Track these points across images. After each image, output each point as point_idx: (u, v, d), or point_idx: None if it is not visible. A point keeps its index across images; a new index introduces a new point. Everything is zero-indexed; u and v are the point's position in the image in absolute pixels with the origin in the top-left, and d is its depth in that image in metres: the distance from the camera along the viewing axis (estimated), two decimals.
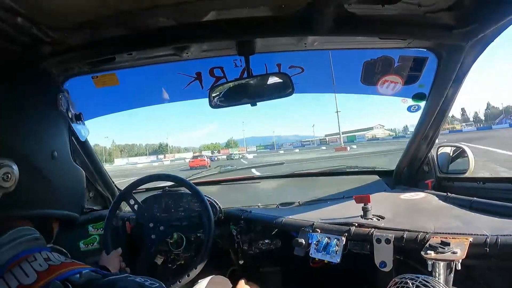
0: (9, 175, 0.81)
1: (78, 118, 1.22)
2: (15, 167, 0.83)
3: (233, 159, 60.30)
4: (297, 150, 71.34)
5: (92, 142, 2.55)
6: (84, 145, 2.41)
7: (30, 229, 0.91)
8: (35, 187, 0.93)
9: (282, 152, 71.14)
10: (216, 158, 72.42)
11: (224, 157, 76.56)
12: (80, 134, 1.34)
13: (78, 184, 1.16)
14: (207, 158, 54.93)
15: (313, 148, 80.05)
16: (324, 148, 66.03)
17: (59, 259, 0.85)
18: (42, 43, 1.47)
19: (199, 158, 52.40)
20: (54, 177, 0.99)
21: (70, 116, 1.14)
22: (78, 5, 1.30)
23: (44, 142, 0.98)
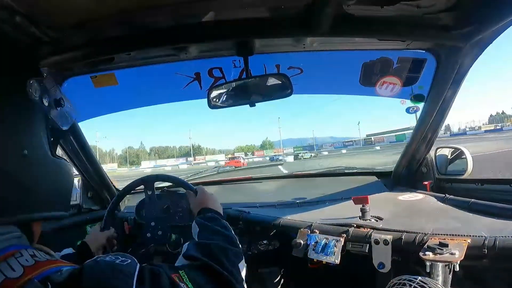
0: None
1: (58, 103, 1.08)
2: None
3: (276, 160, 51.64)
4: (344, 151, 66.53)
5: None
6: (82, 145, 2.41)
7: (12, 227, 0.87)
8: (7, 192, 0.84)
9: (326, 153, 66.86)
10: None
11: (260, 159, 73.64)
12: (63, 122, 1.17)
13: (61, 179, 1.04)
14: (243, 159, 53.71)
15: (360, 149, 76.36)
16: (378, 148, 61.87)
17: (45, 257, 0.83)
18: (41, 43, 1.47)
19: (235, 159, 51.28)
20: (28, 178, 0.89)
21: (46, 103, 1.00)
22: (77, 5, 1.30)
23: (10, 140, 0.87)
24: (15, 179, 0.86)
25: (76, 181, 2.75)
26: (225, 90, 2.02)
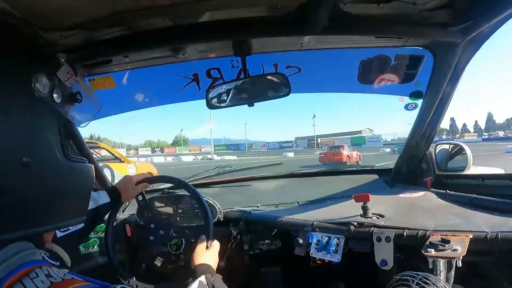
0: None
1: (73, 98, 0.96)
2: None
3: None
4: (291, 154, 57.61)
5: None
6: (81, 147, 2.39)
7: (28, 244, 0.82)
8: (9, 207, 0.75)
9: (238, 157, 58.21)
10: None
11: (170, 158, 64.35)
12: (79, 119, 1.08)
13: (78, 184, 0.93)
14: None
15: (302, 152, 72.06)
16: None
17: (59, 275, 0.78)
18: (37, 45, 1.46)
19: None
20: (32, 189, 0.79)
21: (58, 99, 0.87)
22: (73, 7, 1.29)
23: (8, 149, 0.75)
24: (15, 192, 0.76)
25: None
26: (223, 91, 2.02)
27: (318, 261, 1.93)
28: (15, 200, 0.76)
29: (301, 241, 1.98)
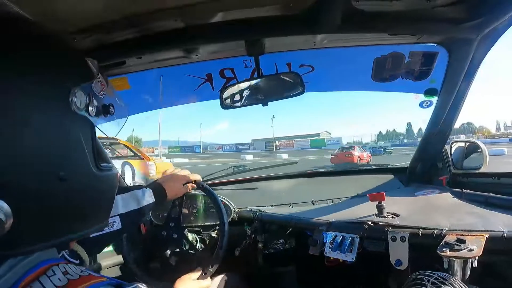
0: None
1: (107, 111, 0.92)
2: (5, 210, 0.65)
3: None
4: (250, 157, 53.33)
5: None
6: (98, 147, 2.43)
7: None
8: (40, 219, 0.75)
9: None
10: None
11: None
12: (111, 130, 1.03)
13: (104, 193, 0.92)
14: None
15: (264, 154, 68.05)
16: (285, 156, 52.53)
17: (76, 272, 0.78)
18: (70, 56, 1.47)
19: None
20: (67, 201, 0.78)
21: (91, 112, 0.84)
22: (86, 10, 1.31)
23: (44, 164, 0.73)
24: (48, 205, 0.75)
25: None
26: (237, 90, 2.03)
27: (332, 261, 1.92)
28: (49, 211, 0.76)
29: (315, 240, 1.97)
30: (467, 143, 2.54)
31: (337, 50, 2.16)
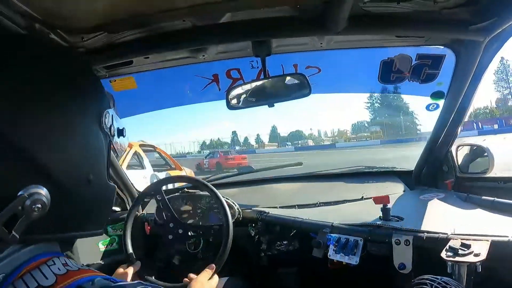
0: (40, 206, 0.75)
1: (121, 133, 1.11)
2: (47, 198, 0.77)
3: None
4: None
5: None
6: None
7: None
8: (65, 213, 0.87)
9: None
10: None
11: None
12: (119, 150, 1.23)
13: (109, 202, 1.09)
14: None
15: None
16: None
17: (76, 265, 0.84)
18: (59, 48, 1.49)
19: None
20: (87, 201, 0.92)
21: (112, 133, 1.03)
22: (94, 9, 1.31)
23: (82, 165, 0.90)
24: (75, 201, 0.89)
25: None
26: (243, 91, 2.03)
27: (336, 263, 1.92)
28: (72, 208, 0.89)
29: (319, 242, 1.97)
30: (474, 147, 2.52)
31: (344, 51, 2.16)
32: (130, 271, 1.92)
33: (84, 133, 0.92)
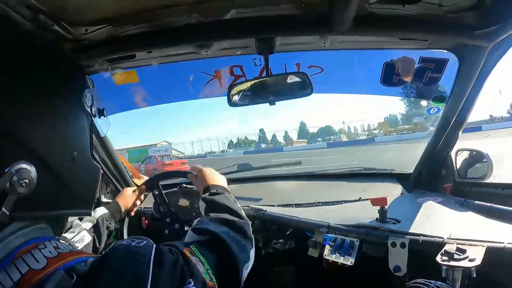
0: (27, 181, 0.79)
1: (101, 113, 1.18)
2: (33, 174, 0.81)
3: None
4: None
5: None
6: (104, 140, 2.44)
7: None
8: (51, 190, 0.90)
9: None
10: None
11: None
12: (101, 130, 1.32)
13: (94, 181, 1.12)
14: None
15: None
16: None
17: (67, 248, 0.87)
18: (63, 40, 1.49)
19: None
20: (72, 178, 0.96)
21: (93, 112, 1.10)
22: (100, 3, 1.32)
23: (65, 143, 0.95)
24: (61, 178, 0.92)
25: None
26: (245, 88, 2.03)
27: (331, 264, 1.93)
28: (56, 185, 0.91)
29: (315, 242, 1.98)
30: (473, 152, 2.52)
31: (347, 52, 2.16)
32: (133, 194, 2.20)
33: (65, 112, 0.98)
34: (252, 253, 1.34)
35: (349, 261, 1.83)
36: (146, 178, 2.64)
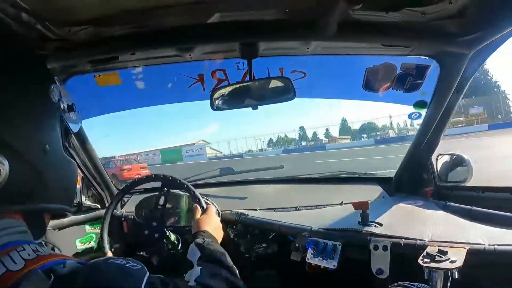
0: (0, 172, 0.81)
1: (71, 109, 1.18)
2: (6, 163, 0.83)
3: None
4: None
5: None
6: (84, 143, 2.42)
7: (18, 221, 0.91)
8: (26, 181, 0.91)
9: None
10: None
11: None
12: (73, 125, 1.26)
13: (70, 177, 1.13)
14: None
15: None
16: None
17: (47, 251, 0.86)
18: (46, 40, 1.48)
19: None
20: (46, 171, 0.96)
21: (62, 107, 1.11)
22: (83, 2, 1.31)
23: (36, 136, 0.96)
24: (34, 170, 0.92)
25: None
26: (228, 92, 2.03)
27: (314, 267, 1.93)
28: (31, 178, 0.92)
29: (297, 246, 1.98)
30: (453, 156, 2.56)
31: (330, 58, 2.17)
32: None
33: (33, 105, 0.98)
34: None
35: (332, 264, 1.84)
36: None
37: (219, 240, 1.63)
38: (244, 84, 2.03)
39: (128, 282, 0.82)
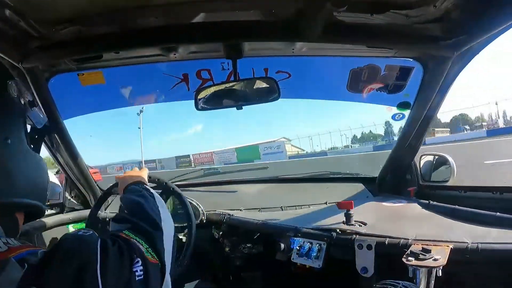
0: None
1: (32, 104, 1.20)
2: None
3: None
4: None
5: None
6: (68, 144, 2.39)
7: None
8: None
9: None
10: None
11: None
12: (37, 121, 1.28)
13: (39, 171, 1.12)
14: None
15: None
16: None
17: (18, 243, 0.86)
18: (29, 37, 1.46)
19: None
20: (10, 164, 0.97)
21: (23, 102, 1.12)
22: (67, 1, 1.29)
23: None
24: None
25: (57, 179, 2.73)
26: (212, 92, 2.02)
27: (299, 267, 1.93)
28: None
29: (282, 246, 1.98)
30: (436, 157, 2.59)
31: (315, 59, 2.18)
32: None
33: None
34: (165, 222, 1.34)
35: (317, 264, 1.84)
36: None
37: (142, 177, 1.72)
38: (229, 84, 2.02)
39: (85, 244, 0.86)
